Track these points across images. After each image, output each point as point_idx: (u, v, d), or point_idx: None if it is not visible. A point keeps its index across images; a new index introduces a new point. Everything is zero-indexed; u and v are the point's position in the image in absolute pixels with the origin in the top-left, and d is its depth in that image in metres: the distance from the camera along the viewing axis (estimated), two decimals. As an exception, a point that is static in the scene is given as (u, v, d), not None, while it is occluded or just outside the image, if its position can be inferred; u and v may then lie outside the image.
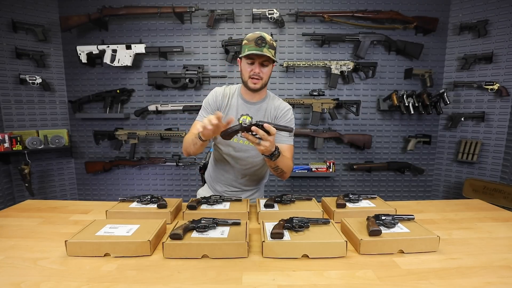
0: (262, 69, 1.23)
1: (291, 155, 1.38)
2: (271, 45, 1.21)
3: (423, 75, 2.49)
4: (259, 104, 1.34)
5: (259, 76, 1.23)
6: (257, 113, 1.34)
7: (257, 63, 1.22)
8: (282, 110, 1.35)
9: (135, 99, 2.63)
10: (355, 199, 1.30)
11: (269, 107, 1.35)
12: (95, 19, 2.40)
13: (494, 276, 0.82)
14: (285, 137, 1.36)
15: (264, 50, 1.18)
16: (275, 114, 1.35)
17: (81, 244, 0.90)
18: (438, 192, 2.75)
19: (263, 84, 1.27)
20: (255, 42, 1.18)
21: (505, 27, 2.30)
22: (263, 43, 1.18)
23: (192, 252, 0.90)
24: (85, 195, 2.80)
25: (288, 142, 1.36)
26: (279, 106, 1.36)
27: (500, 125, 2.39)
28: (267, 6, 2.48)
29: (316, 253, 0.90)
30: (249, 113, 1.34)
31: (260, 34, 1.19)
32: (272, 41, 1.22)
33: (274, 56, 1.24)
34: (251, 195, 1.51)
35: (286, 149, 1.34)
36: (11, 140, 2.31)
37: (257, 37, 1.19)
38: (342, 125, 2.64)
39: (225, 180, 1.47)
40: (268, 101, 1.36)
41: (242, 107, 1.34)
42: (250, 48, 1.18)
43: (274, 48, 1.23)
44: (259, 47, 1.18)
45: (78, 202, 1.53)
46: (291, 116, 1.37)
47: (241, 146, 1.35)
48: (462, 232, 1.12)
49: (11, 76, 2.41)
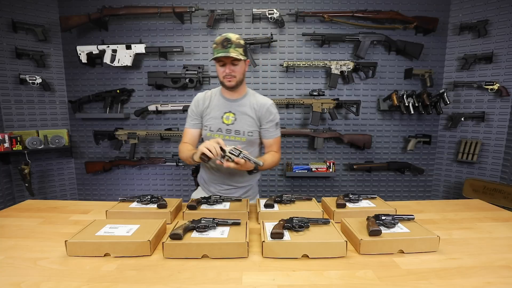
0: (233, 68, 1.28)
1: (278, 147, 1.46)
2: (238, 44, 1.25)
3: (423, 75, 2.49)
4: (240, 100, 1.39)
5: (231, 75, 1.29)
6: (239, 109, 1.38)
7: (228, 63, 1.27)
8: (264, 107, 1.39)
9: (135, 99, 2.63)
10: (355, 199, 1.30)
11: (251, 103, 1.39)
12: (95, 19, 2.40)
13: (494, 276, 0.82)
14: (272, 131, 1.42)
15: (230, 50, 1.22)
16: (259, 112, 1.39)
17: (81, 244, 0.91)
18: (438, 192, 2.75)
19: (238, 81, 1.31)
20: (221, 44, 1.23)
21: (505, 27, 2.30)
22: (228, 44, 1.23)
23: (192, 252, 0.90)
24: (85, 195, 2.80)
25: (275, 135, 1.44)
26: (262, 103, 1.40)
27: (500, 125, 2.39)
28: (267, 6, 2.48)
29: (316, 253, 0.90)
30: (231, 110, 1.38)
31: (226, 36, 1.24)
32: (238, 40, 1.26)
33: (244, 53, 1.28)
34: (245, 192, 1.52)
35: (273, 142, 1.43)
36: (11, 140, 2.31)
37: (223, 39, 1.24)
38: (342, 125, 2.64)
39: (218, 179, 1.48)
40: (249, 97, 1.41)
41: (224, 105, 1.39)
42: (218, 51, 1.24)
43: (242, 46, 1.27)
44: (225, 49, 1.23)
45: (78, 202, 1.53)
46: (275, 111, 1.42)
47: (227, 143, 1.35)
48: (462, 232, 1.12)
49: (11, 76, 2.41)
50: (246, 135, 1.38)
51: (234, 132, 1.37)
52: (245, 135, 1.38)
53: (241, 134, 1.38)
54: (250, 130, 1.38)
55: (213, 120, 1.38)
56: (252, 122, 1.38)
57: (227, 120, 1.38)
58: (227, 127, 1.37)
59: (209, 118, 1.39)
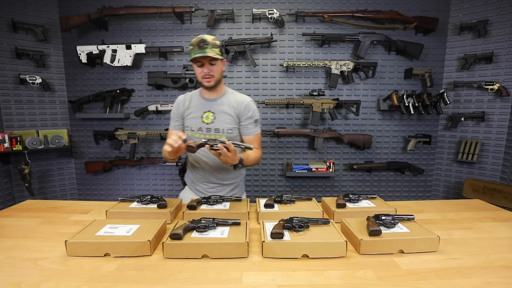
0: (211, 68, 1.31)
1: (259, 144, 1.48)
2: (214, 44, 1.28)
3: (423, 75, 2.49)
4: (219, 99, 1.42)
5: (210, 74, 1.31)
6: (218, 108, 1.41)
7: (205, 63, 1.30)
8: (243, 104, 1.41)
9: (135, 99, 2.63)
10: (355, 199, 1.30)
11: (230, 101, 1.42)
12: (95, 19, 2.40)
13: (494, 276, 0.82)
14: (251, 128, 1.43)
15: (207, 50, 1.25)
16: (237, 109, 1.41)
17: (81, 244, 0.91)
18: (438, 192, 2.75)
19: (216, 81, 1.35)
20: (198, 45, 1.26)
21: (505, 27, 2.30)
22: (205, 45, 1.26)
23: (192, 252, 0.90)
24: (85, 195, 2.80)
25: (255, 132, 1.45)
26: (240, 101, 1.42)
27: (500, 125, 2.39)
28: (267, 6, 2.48)
29: (316, 253, 0.90)
30: (211, 109, 1.41)
31: (201, 37, 1.27)
32: (214, 40, 1.29)
33: (221, 53, 1.32)
34: (232, 190, 1.53)
35: (253, 139, 1.44)
36: (11, 140, 2.31)
37: (199, 40, 1.26)
38: (342, 125, 2.64)
39: (204, 178, 1.49)
40: (228, 95, 1.44)
41: (203, 105, 1.42)
42: (195, 52, 1.26)
43: (218, 46, 1.30)
44: (201, 49, 1.25)
45: (78, 202, 1.53)
46: (253, 107, 1.43)
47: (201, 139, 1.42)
48: (462, 232, 1.12)
49: (11, 76, 2.40)
50: (226, 132, 1.41)
51: (214, 131, 1.40)
52: (224, 133, 1.40)
53: (220, 132, 1.40)
54: (230, 127, 1.41)
55: (194, 120, 1.42)
56: (231, 119, 1.41)
57: (206, 119, 1.41)
58: (207, 126, 1.41)
59: (190, 119, 1.43)
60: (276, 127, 2.57)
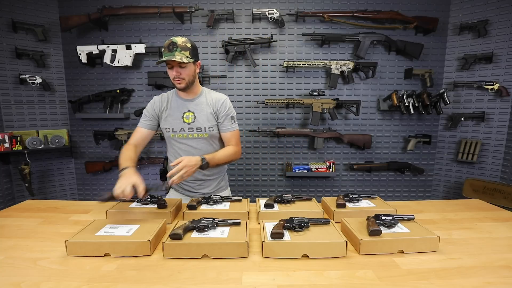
0: (180, 71, 1.30)
1: (236, 141, 1.49)
2: (184, 47, 1.28)
3: (423, 75, 2.49)
4: (197, 99, 1.44)
5: (179, 77, 1.31)
6: (197, 107, 1.42)
7: (174, 66, 1.30)
8: (220, 101, 1.44)
9: (135, 99, 2.63)
10: (355, 199, 1.30)
11: (207, 100, 1.44)
12: (95, 19, 2.40)
13: (494, 276, 0.82)
14: (227, 125, 1.45)
15: (176, 53, 1.26)
16: (215, 106, 1.43)
17: (81, 244, 0.91)
18: (438, 192, 2.75)
19: (187, 83, 1.35)
20: (168, 48, 1.27)
21: (505, 27, 2.30)
22: (174, 48, 1.26)
23: (192, 252, 0.90)
24: (85, 195, 2.80)
25: (232, 129, 1.47)
26: (217, 99, 1.44)
27: (500, 125, 2.39)
28: (267, 6, 2.48)
29: (316, 253, 0.90)
30: (190, 108, 1.42)
31: (172, 40, 1.27)
32: (185, 43, 1.29)
33: (192, 55, 1.30)
34: (218, 183, 1.55)
35: (231, 136, 1.47)
36: (11, 140, 2.31)
37: (169, 43, 1.27)
38: (342, 125, 2.64)
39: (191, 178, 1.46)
40: (205, 95, 1.46)
41: (182, 106, 1.43)
42: (165, 54, 1.27)
43: (189, 49, 1.29)
44: (171, 52, 1.26)
45: (78, 202, 1.53)
46: (229, 105, 1.46)
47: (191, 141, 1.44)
48: (462, 232, 1.12)
49: (11, 76, 2.40)
50: (208, 131, 1.43)
51: (196, 130, 1.42)
52: (206, 131, 1.43)
53: (202, 130, 1.42)
54: (211, 125, 1.43)
55: (174, 121, 1.42)
56: (211, 117, 1.43)
57: (187, 119, 1.42)
58: (189, 125, 1.42)
59: (169, 120, 1.42)
60: (276, 127, 2.57)
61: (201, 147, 1.45)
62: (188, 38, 1.32)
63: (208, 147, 1.46)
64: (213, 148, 1.48)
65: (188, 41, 1.31)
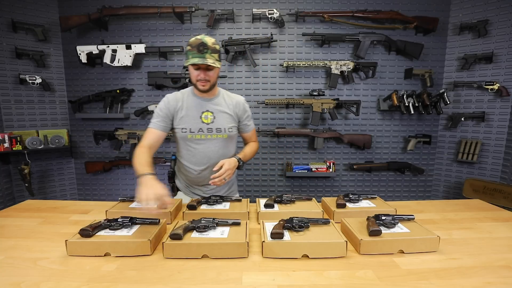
0: (207, 73, 1.27)
1: (256, 137, 1.59)
2: (214, 49, 1.23)
3: (423, 75, 2.49)
4: (215, 99, 1.41)
5: (206, 79, 1.28)
6: (215, 107, 1.39)
7: (202, 68, 1.26)
8: (240, 104, 1.44)
9: (135, 99, 2.63)
10: (355, 199, 1.30)
11: (226, 101, 1.42)
12: (95, 19, 2.39)
13: (494, 276, 0.82)
14: (250, 125, 1.52)
15: (207, 56, 1.21)
16: (236, 108, 1.43)
17: (81, 243, 0.91)
18: (438, 192, 2.75)
19: (211, 85, 1.32)
20: (197, 48, 1.21)
21: (505, 27, 2.30)
22: (204, 49, 1.21)
23: (192, 252, 0.90)
24: (85, 195, 2.80)
25: (251, 127, 1.53)
26: (237, 102, 1.44)
27: (500, 125, 2.39)
28: (267, 6, 2.48)
29: (316, 253, 0.90)
30: (208, 108, 1.39)
31: (202, 40, 1.22)
32: (214, 44, 1.24)
33: (219, 58, 1.28)
34: (229, 188, 1.55)
35: (252, 134, 1.55)
36: (11, 140, 2.31)
37: (199, 43, 1.21)
38: (342, 125, 2.64)
39: (202, 181, 1.45)
40: (223, 95, 1.44)
41: (201, 105, 1.38)
42: (194, 55, 1.22)
43: (218, 51, 1.26)
44: (201, 54, 1.21)
45: (78, 202, 1.53)
46: (247, 106, 1.49)
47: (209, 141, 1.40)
48: (462, 232, 1.12)
49: (11, 76, 2.40)
50: (227, 131, 1.41)
51: (216, 130, 1.39)
52: (226, 132, 1.40)
53: (222, 131, 1.40)
54: (230, 126, 1.41)
55: (192, 121, 1.36)
56: (230, 118, 1.42)
57: (206, 119, 1.38)
58: (208, 126, 1.38)
59: (186, 120, 1.36)
60: (276, 127, 2.57)
61: (218, 149, 1.41)
62: (215, 39, 1.27)
63: (224, 149, 1.42)
64: (229, 149, 1.45)
65: (216, 42, 1.27)
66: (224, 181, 1.26)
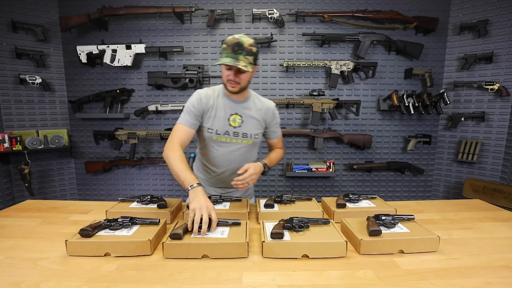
0: (239, 76, 1.20)
1: (282, 144, 1.56)
2: (249, 51, 1.16)
3: (423, 75, 2.49)
4: (245, 103, 1.35)
5: (236, 81, 1.21)
6: (245, 111, 1.34)
7: (234, 69, 1.19)
8: (270, 110, 1.40)
9: (135, 99, 2.63)
10: (355, 199, 1.30)
11: (257, 106, 1.37)
12: (95, 19, 2.39)
13: (494, 276, 0.82)
14: (277, 132, 1.48)
15: (240, 57, 1.14)
16: (265, 115, 1.39)
17: (81, 243, 0.91)
18: (438, 192, 2.75)
19: (241, 88, 1.25)
20: (232, 48, 1.14)
21: (505, 27, 2.30)
22: (239, 50, 1.14)
23: (192, 252, 0.90)
24: (85, 195, 2.80)
25: (278, 134, 1.50)
26: (268, 107, 1.39)
27: (500, 125, 2.39)
28: (267, 6, 2.48)
29: (316, 253, 0.90)
30: (237, 111, 1.33)
31: (238, 40, 1.15)
32: (251, 46, 1.16)
33: (254, 61, 1.20)
34: (245, 191, 1.52)
35: (278, 141, 1.51)
36: (11, 140, 2.31)
37: (235, 42, 1.14)
38: (342, 125, 2.64)
39: (220, 183, 1.43)
40: (254, 99, 1.38)
41: (230, 107, 1.32)
42: (227, 54, 1.15)
43: (254, 54, 1.18)
44: (235, 54, 1.14)
45: (78, 202, 1.53)
46: (277, 113, 1.46)
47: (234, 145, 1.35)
48: (462, 232, 1.12)
49: (11, 76, 2.40)
50: (253, 137, 1.35)
51: (242, 135, 1.33)
52: (252, 138, 1.35)
53: (248, 137, 1.34)
54: (257, 132, 1.37)
55: (219, 122, 1.30)
56: (258, 124, 1.36)
57: (234, 122, 1.32)
58: (234, 129, 1.32)
59: (214, 120, 1.30)
60: (276, 127, 2.57)
61: (241, 154, 1.36)
62: (254, 40, 1.19)
63: (247, 154, 1.38)
64: (251, 154, 1.42)
65: (254, 43, 1.18)
66: (247, 185, 1.22)
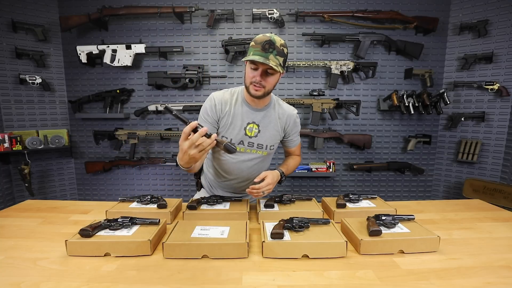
0: (265, 78, 1.10)
1: (300, 151, 1.49)
2: (280, 52, 1.07)
3: (423, 75, 2.49)
4: (265, 110, 1.26)
5: (261, 84, 1.11)
6: (263, 120, 1.25)
7: (261, 70, 1.09)
8: (292, 118, 1.32)
9: (135, 99, 2.63)
10: (355, 199, 1.30)
11: (278, 113, 1.28)
12: (95, 19, 2.40)
13: (494, 276, 0.82)
14: (296, 140, 1.41)
15: (270, 56, 1.05)
16: (286, 123, 1.30)
17: (81, 243, 0.90)
18: (438, 192, 2.75)
19: (265, 93, 1.14)
20: (262, 46, 1.05)
21: (505, 27, 2.30)
22: (270, 48, 1.05)
23: (192, 252, 0.90)
24: (85, 195, 2.80)
25: (297, 142, 1.43)
26: (289, 115, 1.31)
27: (500, 125, 2.39)
28: (267, 6, 2.48)
29: (316, 253, 0.90)
30: (255, 120, 1.24)
31: (270, 38, 1.06)
32: (283, 47, 1.08)
33: (283, 64, 1.11)
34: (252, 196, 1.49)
35: (296, 148, 1.45)
36: (11, 140, 2.31)
37: (265, 40, 1.05)
38: (342, 125, 2.64)
39: (230, 188, 1.42)
40: (275, 106, 1.28)
41: (247, 115, 1.23)
42: (256, 52, 1.06)
43: (284, 55, 1.10)
44: (265, 53, 1.05)
45: (78, 202, 1.53)
46: (299, 122, 1.38)
47: (247, 155, 1.30)
48: (462, 232, 1.12)
49: (11, 76, 2.40)
50: (268, 149, 1.29)
51: (257, 146, 1.26)
52: (267, 149, 1.29)
53: (263, 148, 1.28)
54: (273, 144, 1.30)
55: (235, 131, 1.23)
56: (275, 135, 1.29)
57: (250, 132, 1.23)
58: (250, 139, 1.24)
59: (229, 129, 1.22)
60: (276, 127, 2.57)
61: (253, 164, 1.31)
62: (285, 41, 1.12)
63: (259, 164, 1.33)
64: (263, 165, 1.36)
65: (285, 44, 1.11)
66: (262, 194, 1.17)
